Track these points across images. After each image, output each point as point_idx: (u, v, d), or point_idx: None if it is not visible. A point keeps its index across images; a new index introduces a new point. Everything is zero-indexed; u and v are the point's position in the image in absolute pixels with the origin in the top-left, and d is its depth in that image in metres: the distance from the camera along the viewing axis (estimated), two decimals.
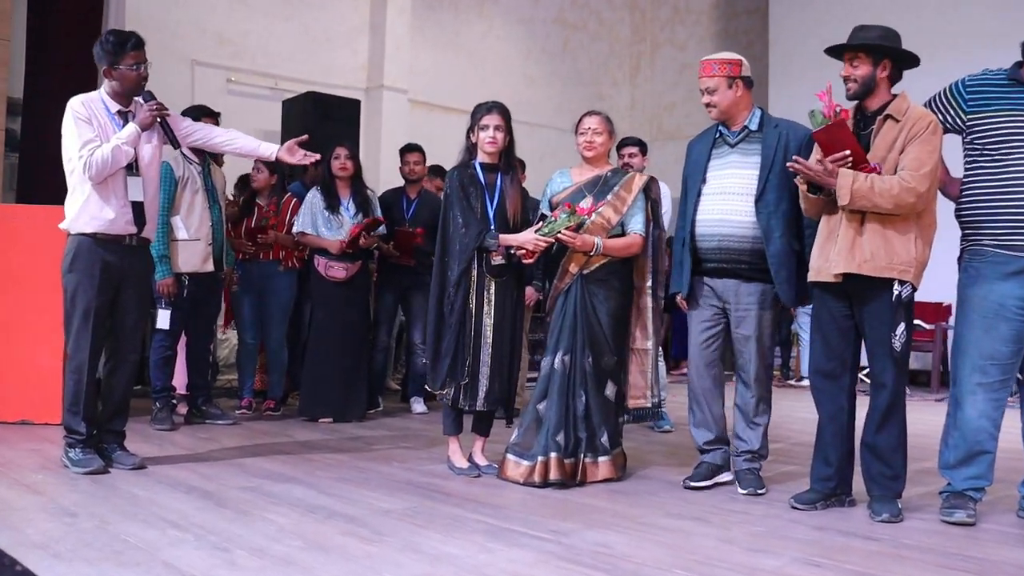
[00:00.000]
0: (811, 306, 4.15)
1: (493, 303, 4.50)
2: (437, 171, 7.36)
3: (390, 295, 6.90)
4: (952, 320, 9.37)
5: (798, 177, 3.95)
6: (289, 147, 4.73)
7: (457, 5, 12.03)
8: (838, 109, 3.77)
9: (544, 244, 4.37)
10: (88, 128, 4.26)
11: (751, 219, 4.22)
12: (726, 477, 4.43)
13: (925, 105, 3.98)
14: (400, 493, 4.04)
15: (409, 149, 7.08)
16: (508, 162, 4.65)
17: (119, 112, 4.41)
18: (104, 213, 4.31)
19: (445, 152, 7.63)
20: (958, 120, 3.95)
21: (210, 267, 5.70)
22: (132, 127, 4.34)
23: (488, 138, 4.55)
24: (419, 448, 5.25)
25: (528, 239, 4.39)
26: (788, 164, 3.92)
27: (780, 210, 4.19)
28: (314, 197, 6.27)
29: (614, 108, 13.47)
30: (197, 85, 9.51)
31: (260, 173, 6.50)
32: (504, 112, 4.61)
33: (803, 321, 9.92)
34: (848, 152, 3.74)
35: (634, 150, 6.19)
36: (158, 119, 4.43)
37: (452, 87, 11.65)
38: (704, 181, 4.37)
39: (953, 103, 3.97)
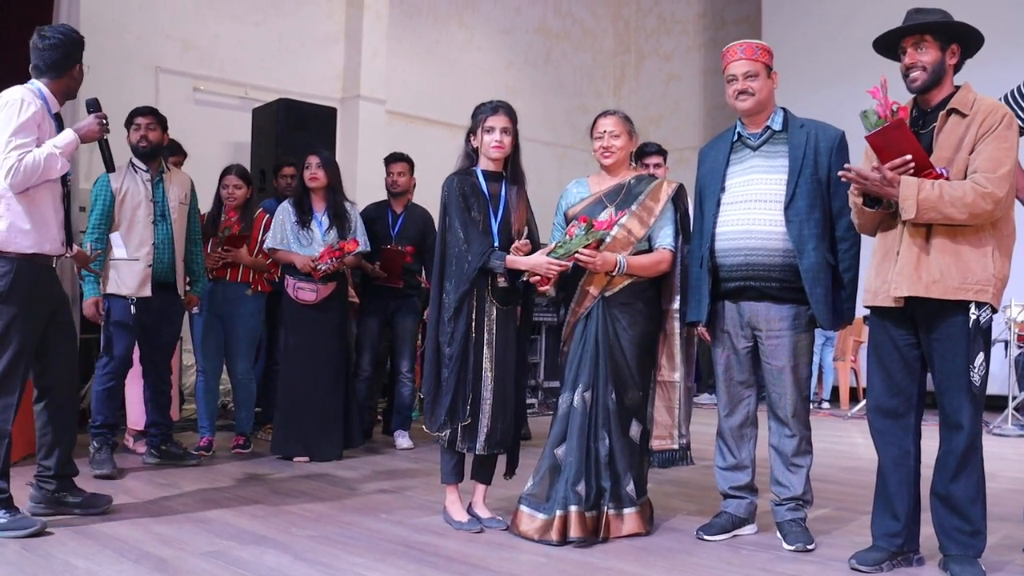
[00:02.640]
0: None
1: (495, 332, 3.89)
2: None
3: (374, 319, 6.30)
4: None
5: (851, 188, 3.40)
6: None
7: (436, 14, 11.48)
8: (895, 107, 3.20)
9: (559, 269, 3.78)
10: (32, 126, 3.64)
11: (781, 229, 3.67)
12: (748, 531, 3.88)
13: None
14: (391, 557, 3.42)
15: (394, 159, 6.49)
16: (515, 171, 4.06)
17: (57, 115, 3.82)
18: (44, 231, 3.70)
19: (424, 165, 7.12)
20: None
21: (147, 292, 5.02)
22: (71, 135, 3.74)
23: (494, 142, 3.97)
24: (409, 493, 4.62)
25: (540, 263, 3.79)
26: (840, 173, 3.35)
27: (813, 219, 3.65)
28: (285, 210, 5.66)
29: None
30: (162, 93, 8.85)
31: (238, 189, 5.87)
32: (511, 113, 4.03)
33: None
34: (909, 157, 3.18)
35: (658, 159, 5.55)
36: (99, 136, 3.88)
37: (431, 98, 11.12)
38: (723, 189, 3.82)
39: None
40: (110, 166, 4.09)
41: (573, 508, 3.65)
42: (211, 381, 5.84)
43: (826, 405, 9.70)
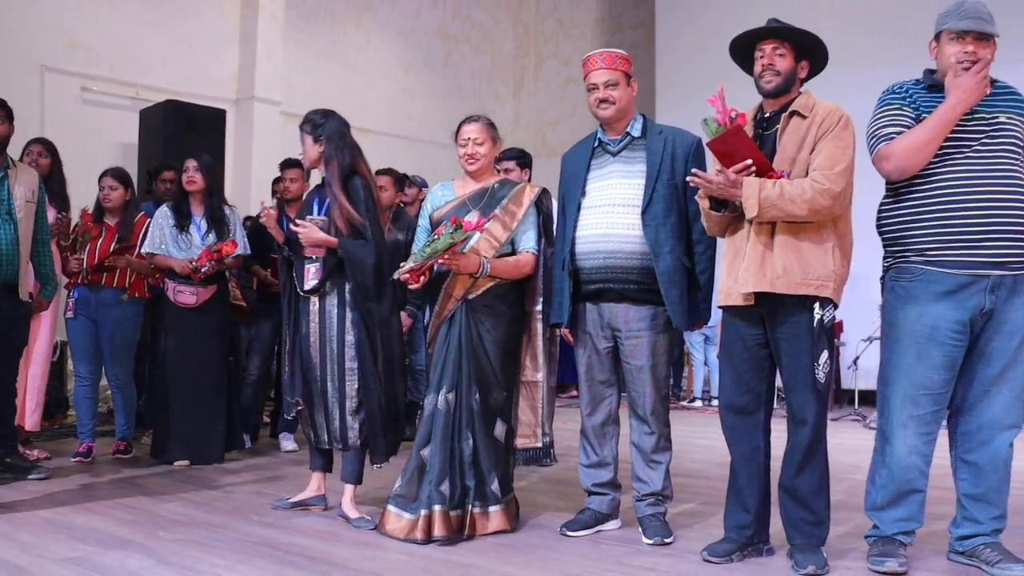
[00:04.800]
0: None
1: (311, 323, 4.20)
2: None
3: (268, 323, 6.31)
4: (843, 336, 9.42)
5: (699, 193, 3.53)
6: None
7: (333, 15, 11.45)
8: (733, 114, 3.34)
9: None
10: None
11: (639, 233, 3.79)
12: (612, 526, 3.99)
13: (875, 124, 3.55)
14: (255, 559, 3.45)
15: (287, 165, 6.50)
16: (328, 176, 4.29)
17: None
18: None
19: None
20: (911, 118, 3.46)
21: None
22: None
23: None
24: (285, 495, 4.63)
25: (308, 235, 4.16)
26: (688, 178, 3.49)
27: (669, 223, 3.78)
28: (163, 214, 5.62)
29: (497, 123, 12.94)
30: (48, 93, 8.69)
31: (114, 191, 5.79)
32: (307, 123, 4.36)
33: (694, 340, 9.65)
34: (750, 161, 3.33)
35: (511, 164, 5.60)
36: None
37: (328, 100, 10.85)
38: (584, 194, 3.92)
39: (903, 105, 3.48)
40: None
41: (437, 508, 3.73)
42: (88, 386, 5.75)
43: (698, 403, 9.95)
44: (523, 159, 5.76)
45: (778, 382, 3.59)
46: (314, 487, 4.35)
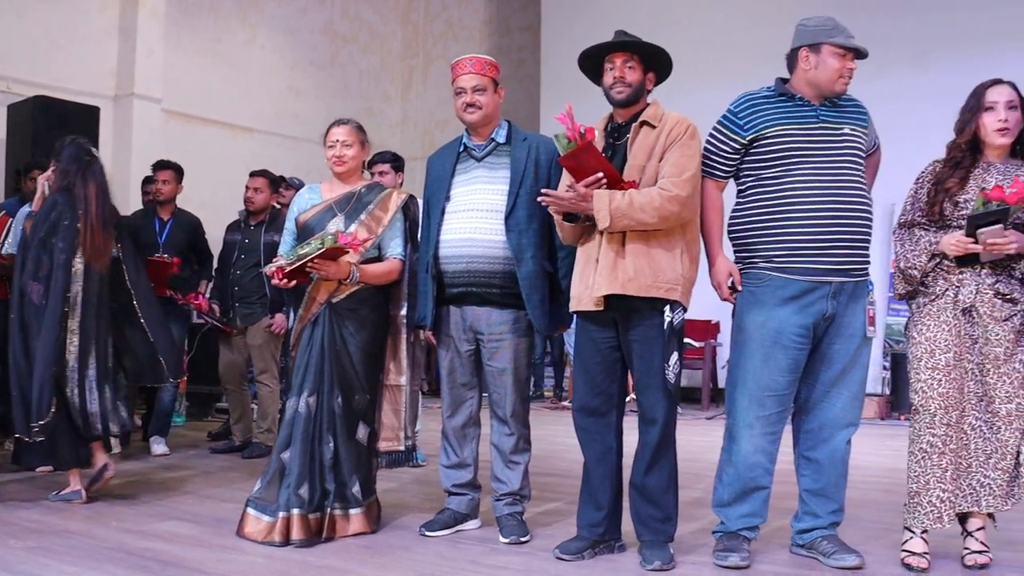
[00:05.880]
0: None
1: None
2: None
3: None
4: (720, 337, 9.69)
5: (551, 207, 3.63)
6: None
7: (217, 11, 11.29)
8: (582, 130, 3.43)
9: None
10: None
11: (501, 238, 3.87)
12: (471, 526, 4.07)
13: (705, 149, 3.70)
14: (107, 564, 3.41)
15: (160, 167, 6.42)
16: None
17: None
18: None
19: (204, 166, 7.06)
20: (738, 146, 3.64)
21: None
22: None
23: None
24: (147, 499, 4.60)
25: None
26: (539, 199, 3.58)
27: (531, 229, 3.87)
28: (24, 213, 5.47)
29: (385, 123, 13.10)
30: None
31: None
32: None
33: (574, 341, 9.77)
34: (601, 174, 3.43)
35: (385, 167, 5.65)
36: None
37: (212, 97, 10.95)
38: (448, 199, 3.98)
39: (731, 132, 3.65)
40: None
41: (295, 511, 3.75)
42: None
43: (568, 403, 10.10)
44: (397, 163, 5.80)
45: None
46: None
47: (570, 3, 11.80)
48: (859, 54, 3.58)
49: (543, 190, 3.57)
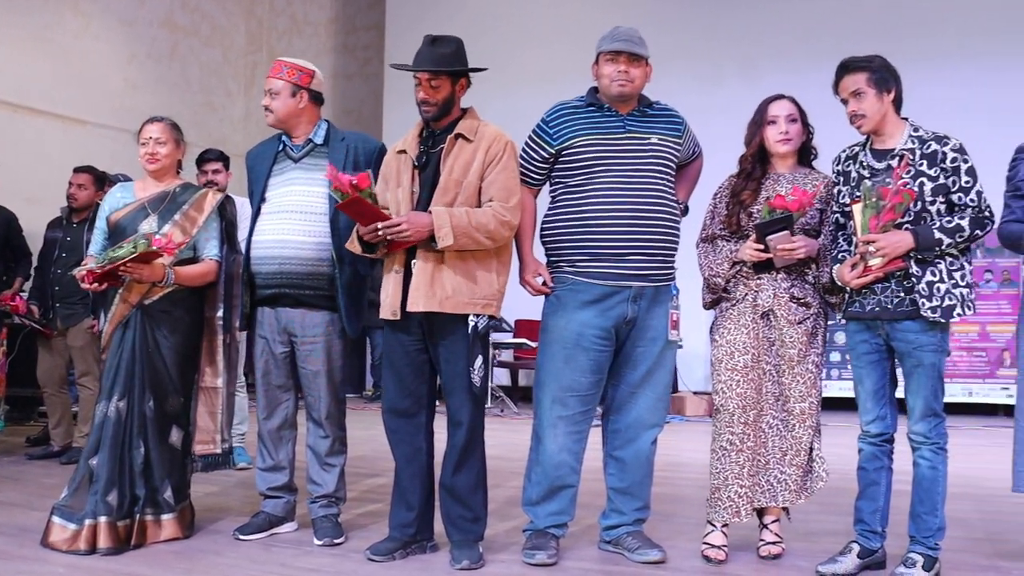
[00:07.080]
0: None
1: None
2: None
3: None
4: None
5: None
6: None
7: None
8: (353, 182, 3.47)
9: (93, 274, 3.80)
10: None
11: (315, 240, 3.88)
12: (287, 528, 4.08)
13: (520, 156, 3.81)
14: None
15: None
16: None
17: None
18: None
19: (33, 160, 6.76)
20: (548, 155, 3.78)
21: None
22: None
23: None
24: None
25: None
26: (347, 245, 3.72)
27: (350, 232, 3.86)
28: None
29: (228, 119, 12.85)
30: None
31: None
32: None
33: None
34: (378, 225, 3.50)
35: (218, 165, 5.60)
36: None
37: (42, 88, 10.48)
38: (264, 200, 3.98)
39: (541, 142, 3.78)
40: None
41: (103, 518, 3.68)
42: None
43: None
44: (227, 160, 5.75)
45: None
46: None
47: (415, 2, 11.85)
48: (634, 57, 3.68)
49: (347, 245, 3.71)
